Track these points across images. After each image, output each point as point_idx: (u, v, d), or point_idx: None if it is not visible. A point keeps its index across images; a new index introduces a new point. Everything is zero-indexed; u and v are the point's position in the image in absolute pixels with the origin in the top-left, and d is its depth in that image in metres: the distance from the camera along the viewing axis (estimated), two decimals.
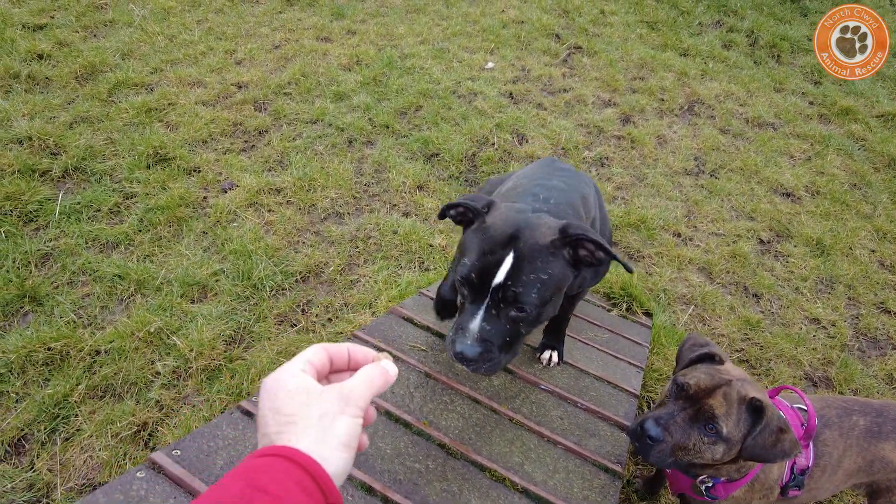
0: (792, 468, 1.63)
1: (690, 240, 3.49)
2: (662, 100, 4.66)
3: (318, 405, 0.62)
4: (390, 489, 1.28)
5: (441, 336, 2.03)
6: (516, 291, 1.20)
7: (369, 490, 1.26)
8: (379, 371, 0.70)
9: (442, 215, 1.44)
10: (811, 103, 4.88)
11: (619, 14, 5.84)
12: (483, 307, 1.23)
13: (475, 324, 1.22)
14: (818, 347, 2.96)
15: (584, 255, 1.30)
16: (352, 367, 0.74)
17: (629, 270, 1.39)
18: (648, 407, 2.48)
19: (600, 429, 1.79)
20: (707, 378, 1.38)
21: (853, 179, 4.12)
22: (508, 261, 1.21)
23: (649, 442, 1.35)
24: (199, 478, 1.03)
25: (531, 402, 1.80)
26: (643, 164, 4.02)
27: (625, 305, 2.90)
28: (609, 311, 2.84)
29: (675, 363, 1.62)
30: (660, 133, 4.33)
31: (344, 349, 0.74)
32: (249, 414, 1.31)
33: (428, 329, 2.04)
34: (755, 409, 1.34)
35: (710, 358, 1.49)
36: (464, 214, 1.41)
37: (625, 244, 3.38)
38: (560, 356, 2.08)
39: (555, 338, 2.07)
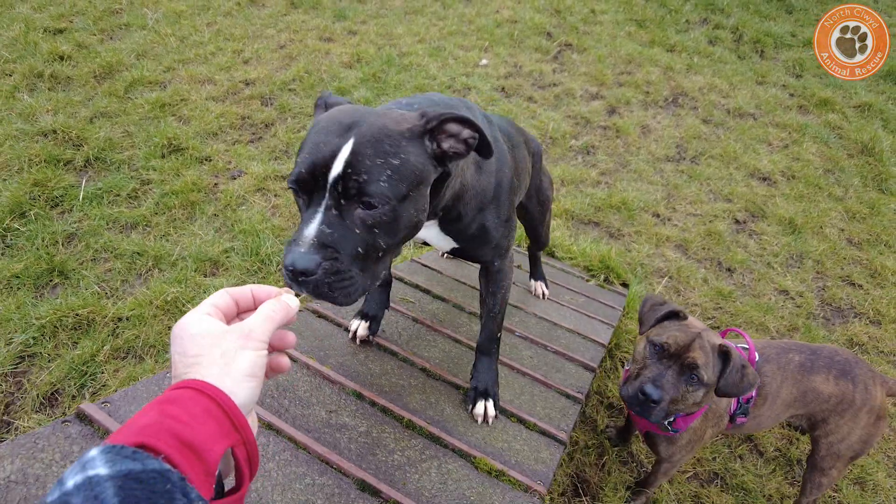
0: (738, 398, 1.86)
1: (669, 220, 3.73)
2: (648, 92, 4.91)
3: (219, 345, 0.67)
4: (378, 396, 1.52)
5: (427, 291, 2.27)
6: (359, 181, 0.94)
7: (359, 396, 1.51)
8: (279, 305, 0.75)
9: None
10: (791, 95, 5.11)
11: (609, 13, 6.10)
12: (321, 208, 0.95)
13: (312, 227, 0.93)
14: (785, 315, 3.18)
15: (450, 145, 1.08)
16: (257, 306, 0.76)
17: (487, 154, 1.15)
18: (611, 357, 2.70)
19: (566, 367, 2.03)
20: (682, 335, 1.55)
21: (827, 165, 4.35)
22: (348, 147, 0.96)
23: (652, 404, 1.51)
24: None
25: (506, 344, 2.04)
26: (627, 151, 4.27)
27: (603, 276, 3.13)
28: (587, 280, 3.08)
29: (639, 324, 1.76)
30: (644, 123, 4.57)
31: (247, 290, 0.79)
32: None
33: (417, 286, 2.28)
34: (724, 354, 1.54)
35: (675, 315, 1.66)
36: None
37: (606, 224, 3.62)
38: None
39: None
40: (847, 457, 2.04)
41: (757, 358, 1.88)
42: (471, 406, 1.63)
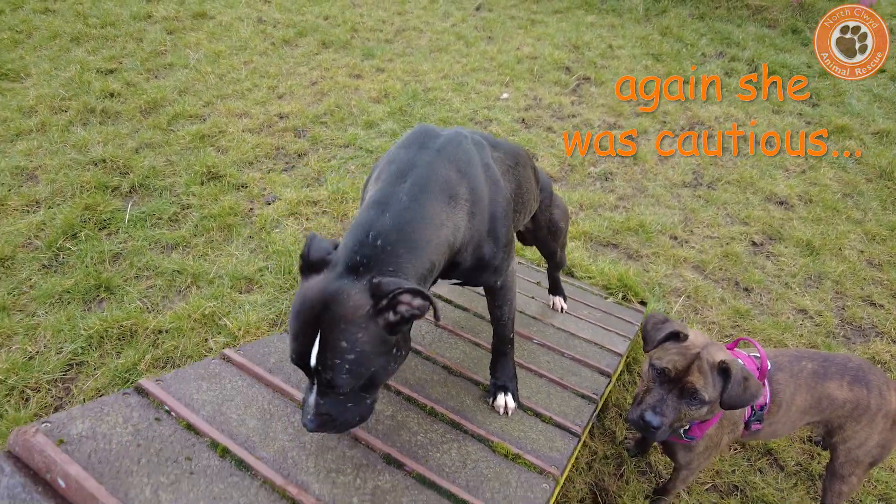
0: (752, 405, 1.92)
1: (686, 242, 3.81)
2: (664, 122, 5.05)
3: None
4: (402, 386, 1.64)
5: (449, 301, 2.40)
6: (327, 378, 1.18)
7: (386, 385, 1.63)
8: None
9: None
10: (808, 123, 5.20)
11: (626, 48, 6.31)
12: (314, 385, 1.22)
13: (311, 399, 1.22)
14: (804, 334, 3.22)
15: (406, 309, 1.20)
16: None
17: (436, 318, 1.28)
18: (630, 371, 2.77)
19: (582, 371, 2.12)
20: (680, 358, 1.59)
21: (846, 189, 4.40)
22: (316, 346, 1.17)
23: (652, 430, 1.58)
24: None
25: (523, 350, 2.14)
26: (644, 177, 4.39)
27: (621, 294, 3.22)
28: (605, 298, 3.17)
29: (643, 342, 1.80)
30: (661, 151, 4.70)
31: None
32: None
33: (439, 297, 2.41)
34: (723, 371, 1.60)
35: (676, 336, 1.69)
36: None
37: (624, 245, 3.73)
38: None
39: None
40: (866, 462, 2.07)
41: (769, 366, 1.94)
42: (492, 399, 1.76)
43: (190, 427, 1.26)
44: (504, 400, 1.74)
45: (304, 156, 4.38)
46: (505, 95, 5.33)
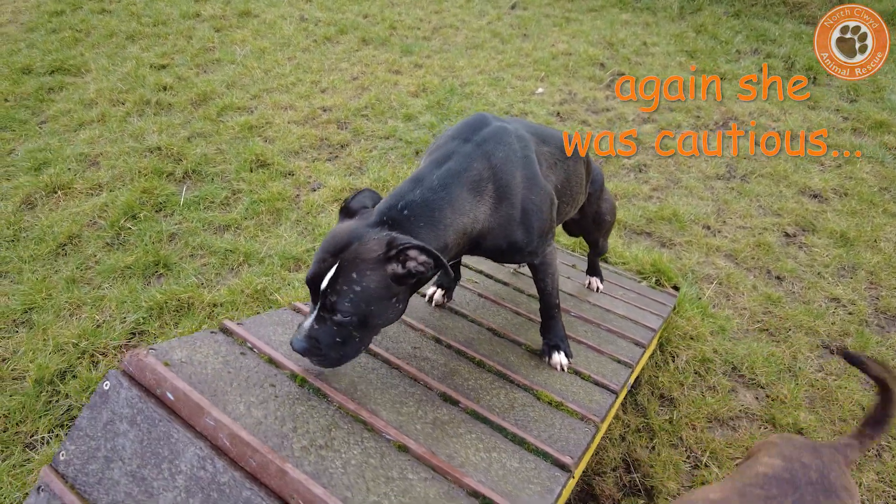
0: None
1: (719, 231, 3.87)
2: (698, 117, 5.11)
3: None
4: (452, 341, 1.79)
5: (490, 276, 2.53)
6: (332, 300, 1.31)
7: (437, 340, 1.78)
8: None
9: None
10: (845, 118, 5.20)
11: (661, 45, 6.37)
12: (316, 309, 1.35)
13: (307, 323, 1.35)
14: (836, 321, 3.26)
15: (413, 265, 1.34)
16: None
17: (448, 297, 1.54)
18: (662, 351, 2.85)
19: (618, 342, 2.23)
20: None
21: (883, 183, 4.40)
22: (332, 271, 1.31)
23: None
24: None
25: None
26: (678, 170, 4.46)
27: (654, 279, 3.31)
28: (639, 282, 3.26)
29: None
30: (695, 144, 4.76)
31: None
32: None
33: (481, 272, 2.55)
34: None
35: None
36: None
37: (658, 234, 3.81)
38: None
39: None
40: None
41: None
42: (547, 357, 1.91)
43: (271, 361, 1.42)
44: (558, 357, 1.89)
45: (347, 146, 4.57)
46: (540, 90, 5.45)
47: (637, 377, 2.71)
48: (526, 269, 2.75)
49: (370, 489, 1.09)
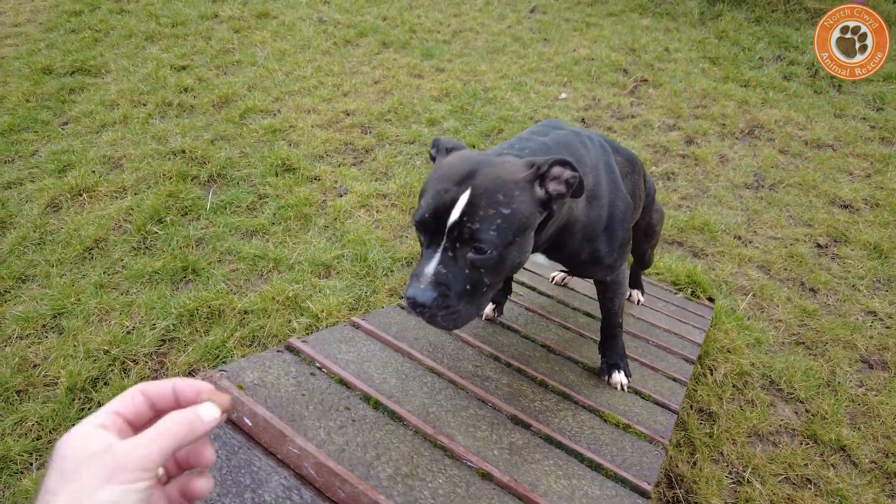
0: None
1: (750, 242, 3.83)
2: (724, 125, 5.06)
3: (76, 479, 0.50)
4: (511, 359, 1.75)
5: (533, 289, 2.49)
6: (472, 228, 1.09)
7: (496, 358, 1.74)
8: (181, 420, 0.58)
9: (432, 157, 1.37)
10: (872, 127, 5.15)
11: (683, 51, 6.32)
12: (440, 249, 1.12)
13: (430, 267, 1.10)
14: (874, 335, 3.21)
15: (554, 187, 1.18)
16: (183, 405, 0.62)
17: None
18: (701, 365, 2.80)
19: (668, 358, 2.19)
20: None
21: None
22: (465, 196, 1.10)
23: None
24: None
25: None
26: (706, 178, 4.41)
27: (689, 290, 3.27)
28: (675, 293, 3.22)
29: None
30: (721, 153, 4.72)
31: (168, 387, 0.63)
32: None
33: (523, 284, 2.51)
34: None
35: None
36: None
37: (689, 243, 3.77)
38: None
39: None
40: None
41: None
42: (606, 377, 1.86)
43: (342, 381, 1.38)
44: (619, 377, 1.83)
45: (371, 151, 4.53)
46: (564, 95, 5.40)
47: None
48: (572, 282, 2.72)
49: None
